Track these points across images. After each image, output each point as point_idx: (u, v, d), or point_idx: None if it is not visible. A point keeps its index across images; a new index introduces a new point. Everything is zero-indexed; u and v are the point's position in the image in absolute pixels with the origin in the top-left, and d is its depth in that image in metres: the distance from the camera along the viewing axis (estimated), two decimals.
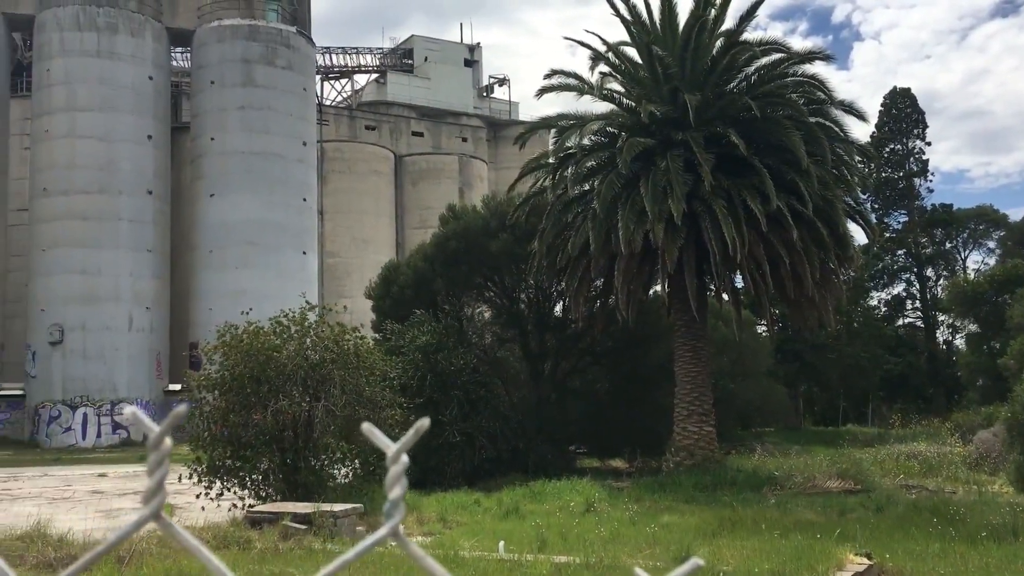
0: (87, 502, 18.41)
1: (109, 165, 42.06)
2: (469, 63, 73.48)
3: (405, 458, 0.95)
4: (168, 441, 0.97)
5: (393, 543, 0.97)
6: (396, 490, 0.92)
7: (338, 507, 14.01)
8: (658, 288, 23.97)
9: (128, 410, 1.13)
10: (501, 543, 12.08)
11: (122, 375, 41.11)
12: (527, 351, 26.31)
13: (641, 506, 16.73)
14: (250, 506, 15.26)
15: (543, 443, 23.54)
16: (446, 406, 22.10)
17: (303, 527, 13.30)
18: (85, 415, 39.99)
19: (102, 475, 24.88)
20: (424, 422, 1.00)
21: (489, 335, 26.73)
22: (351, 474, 17.62)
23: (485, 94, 74.11)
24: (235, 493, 15.83)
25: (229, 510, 15.12)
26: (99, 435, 39.88)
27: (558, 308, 26.75)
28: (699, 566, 0.94)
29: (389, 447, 0.97)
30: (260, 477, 16.18)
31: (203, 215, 44.59)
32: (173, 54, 49.35)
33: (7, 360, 43.10)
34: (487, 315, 27.50)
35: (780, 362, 41.36)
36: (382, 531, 0.92)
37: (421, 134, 67.99)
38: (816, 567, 9.90)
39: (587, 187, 23.11)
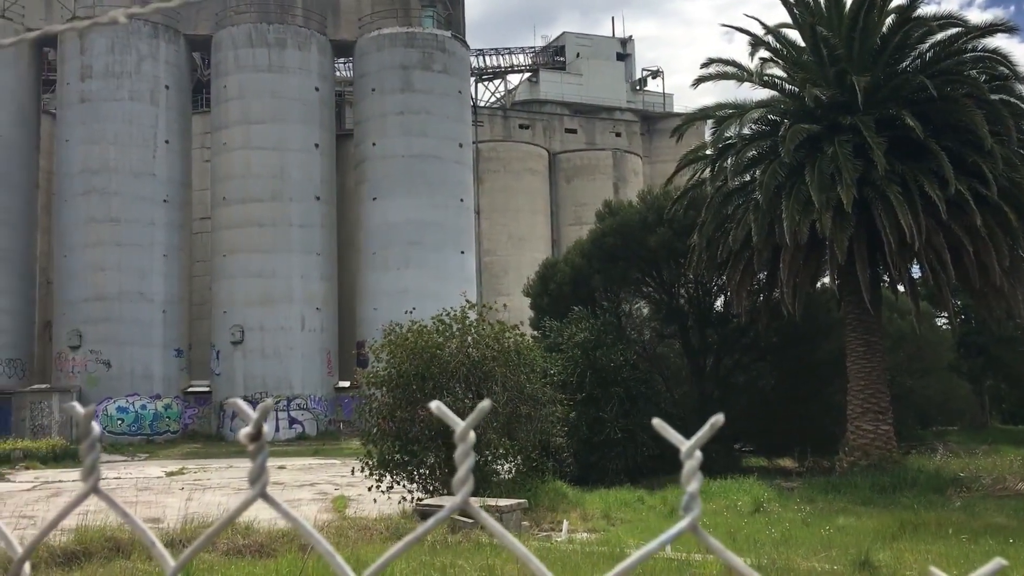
0: (271, 491, 19.46)
1: (280, 173, 44.41)
2: (621, 57, 72.94)
3: (699, 453, 0.94)
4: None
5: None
6: (693, 484, 0.92)
7: (503, 502, 14.20)
8: (826, 280, 22.95)
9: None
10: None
11: (296, 372, 43.32)
12: (688, 347, 25.81)
13: (814, 507, 16.05)
14: (419, 499, 15.72)
15: (707, 441, 22.96)
16: (606, 403, 21.98)
17: (470, 521, 13.55)
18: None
19: (281, 467, 26.26)
20: (719, 418, 0.98)
21: (648, 331, 26.39)
22: (513, 470, 17.83)
23: (638, 87, 73.34)
24: (404, 486, 16.33)
25: (399, 502, 15.61)
26: (277, 429, 42.18)
27: (719, 303, 26.11)
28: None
29: (683, 443, 0.97)
30: (427, 471, 16.62)
31: (366, 218, 46.34)
32: (336, 65, 51.56)
33: (194, 359, 46.29)
34: (645, 311, 27.16)
35: (963, 357, 38.75)
36: (683, 523, 0.91)
37: (574, 131, 68.07)
38: (1010, 574, 9.18)
39: (748, 178, 22.40)
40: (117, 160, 43.53)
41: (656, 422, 0.99)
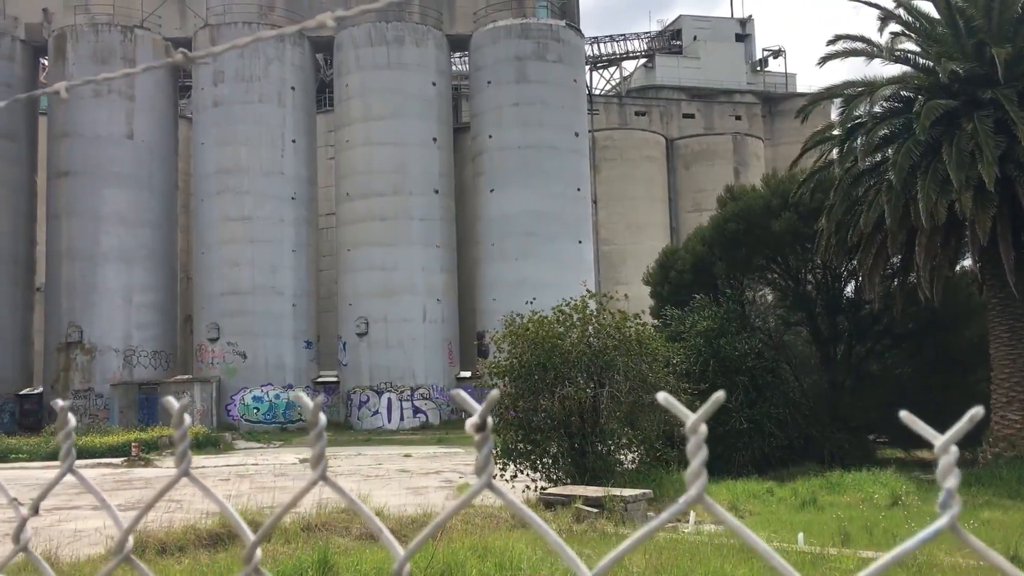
0: (396, 479, 19.99)
1: (401, 168, 45.39)
2: (740, 38, 71.07)
3: (955, 448, 0.91)
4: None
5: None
6: (951, 480, 0.89)
7: (628, 492, 14.11)
8: (966, 263, 21.79)
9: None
10: (800, 535, 11.56)
11: (419, 363, 44.26)
12: (816, 334, 24.98)
13: None
14: (543, 488, 15.80)
15: (838, 431, 22.25)
16: (731, 392, 21.52)
17: (594, 510, 13.54)
18: (389, 400, 43.56)
19: (407, 455, 26.91)
20: (978, 411, 0.95)
21: (773, 319, 25.68)
22: (637, 460, 17.70)
23: (759, 68, 71.31)
24: (528, 475, 16.45)
25: (523, 491, 15.74)
26: (402, 418, 43.26)
27: (849, 289, 25.16)
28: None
29: (937, 438, 0.92)
30: (550, 461, 16.70)
31: (484, 209, 46.82)
32: (452, 59, 52.23)
33: (323, 350, 47.94)
34: (770, 298, 26.45)
35: None
36: (941, 522, 0.89)
37: (692, 116, 66.80)
38: None
39: (879, 158, 21.47)
40: (248, 160, 45.45)
41: (904, 414, 0.95)
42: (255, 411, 43.57)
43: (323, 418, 1.15)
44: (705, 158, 63.35)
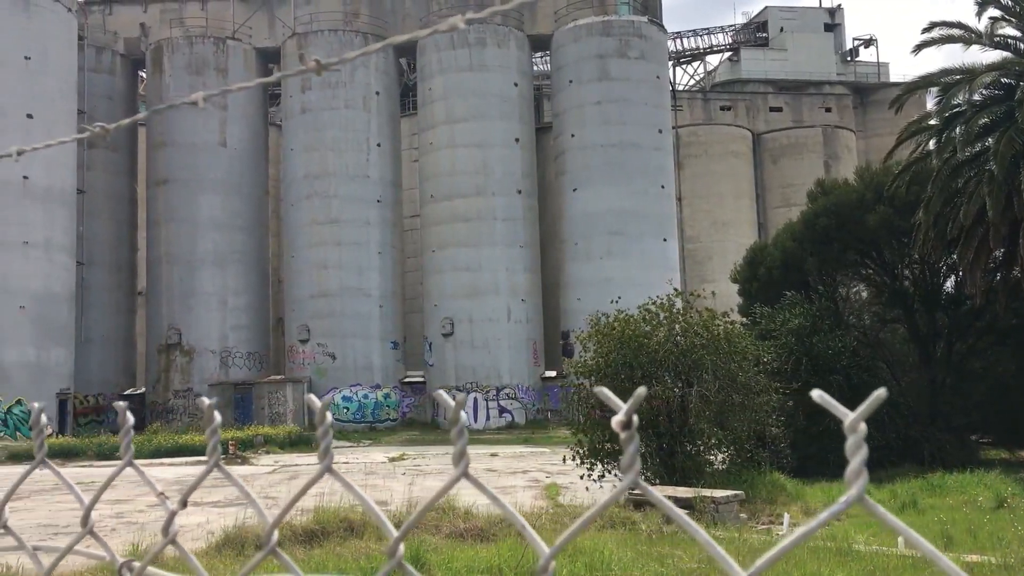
0: (484, 479, 20.09)
1: (484, 169, 45.67)
2: (829, 27, 69.21)
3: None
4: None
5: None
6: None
7: (719, 493, 13.88)
8: None
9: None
10: (900, 539, 11.15)
11: (504, 363, 44.45)
12: (914, 331, 24.11)
13: None
14: (631, 489, 15.69)
15: (939, 431, 21.43)
16: (824, 391, 20.94)
17: (685, 511, 13.37)
18: (475, 399, 43.87)
19: (493, 455, 27.03)
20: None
21: (868, 316, 24.91)
22: (727, 460, 17.38)
23: (849, 58, 69.32)
24: (615, 475, 16.32)
25: (611, 491, 15.63)
26: (488, 418, 43.52)
27: (949, 283, 24.23)
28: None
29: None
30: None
31: (567, 208, 46.73)
32: (534, 59, 52.30)
33: (409, 350, 48.61)
34: (865, 294, 25.66)
35: None
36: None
37: (780, 109, 65.32)
38: None
39: (980, 147, 20.61)
40: (335, 165, 46.41)
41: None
42: (345, 410, 44.44)
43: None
44: (794, 152, 61.89)
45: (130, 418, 1.36)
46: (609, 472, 16.40)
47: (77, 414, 44.00)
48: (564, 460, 16.97)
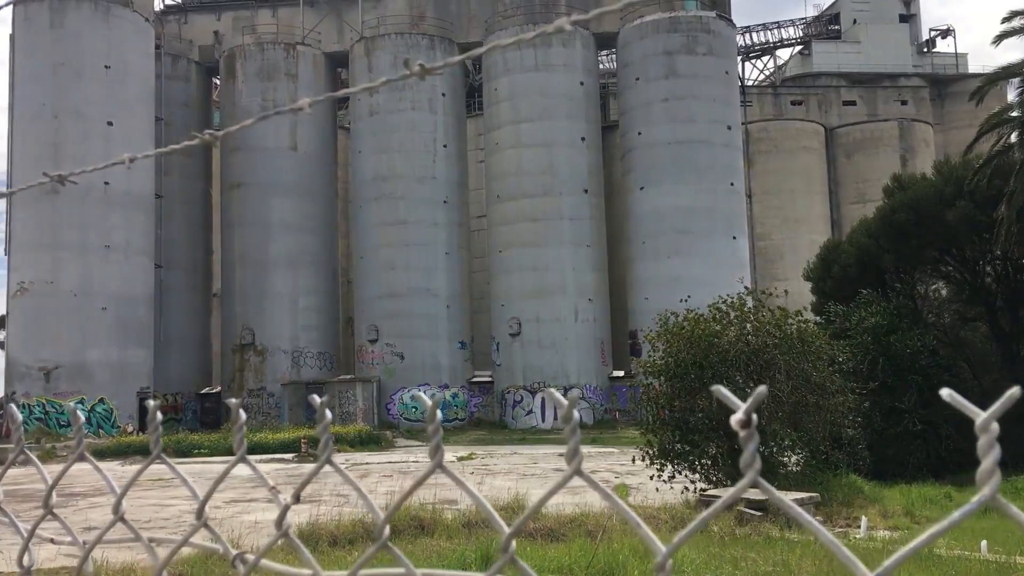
0: (552, 478, 20.05)
1: (550, 169, 45.61)
2: (905, 18, 67.30)
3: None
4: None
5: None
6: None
7: (793, 495, 13.58)
8: None
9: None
10: (983, 543, 10.79)
11: (572, 362, 44.32)
12: (997, 330, 23.28)
13: None
14: (702, 489, 15.45)
15: None
16: (903, 392, 20.39)
17: (758, 513, 13.10)
18: (543, 400, 43.85)
19: (562, 455, 26.92)
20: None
21: (948, 314, 24.14)
22: (801, 462, 17.03)
23: (925, 50, 67.31)
24: (686, 476, 16.12)
25: (681, 492, 15.44)
26: (555, 418, 43.34)
27: None
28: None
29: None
30: (709, 462, 16.30)
31: (634, 207, 46.38)
32: (600, 57, 52.03)
33: (476, 350, 48.83)
34: (944, 292, 24.87)
35: None
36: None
37: (853, 102, 63.76)
38: None
39: None
40: (402, 166, 46.89)
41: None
42: (413, 410, 44.85)
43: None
44: (868, 146, 60.36)
45: (242, 415, 1.40)
46: (679, 473, 16.20)
47: None
48: (633, 460, 16.82)
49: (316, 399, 1.29)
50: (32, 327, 41.11)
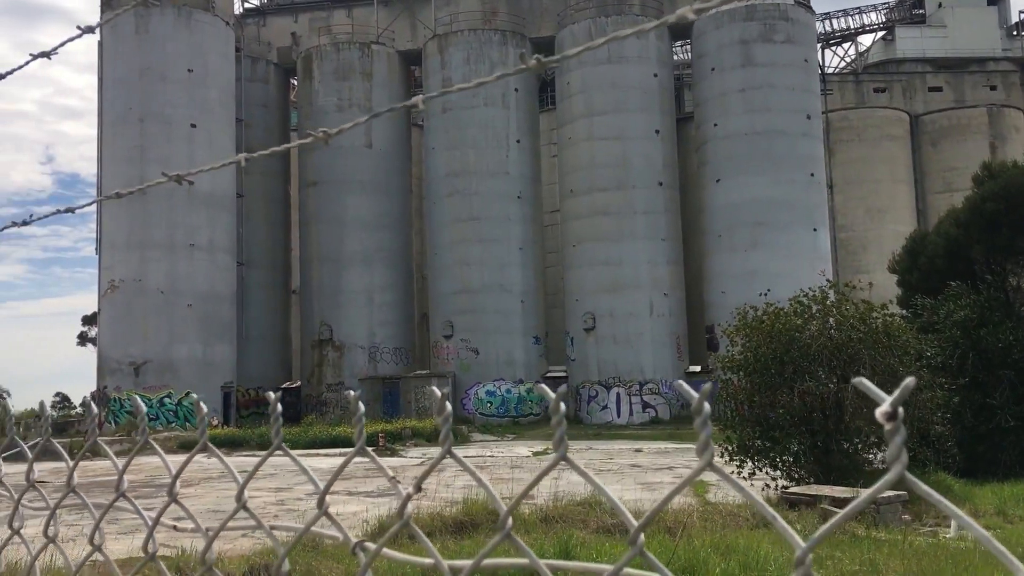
0: (629, 474, 19.90)
1: (623, 162, 45.24)
2: (992, 1, 64.70)
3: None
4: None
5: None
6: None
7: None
8: None
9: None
10: None
11: (647, 357, 43.92)
12: None
13: None
14: (784, 487, 15.11)
15: None
16: (994, 388, 19.60)
17: (841, 512, 12.78)
18: (618, 395, 43.58)
19: (638, 450, 26.74)
20: None
21: None
22: (886, 459, 16.53)
23: (1016, 33, 64.57)
24: (767, 473, 15.79)
25: (762, 490, 15.13)
26: (631, 413, 43.14)
27: None
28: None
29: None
30: (791, 459, 15.94)
31: (710, 200, 45.70)
32: (673, 48, 51.36)
33: (551, 345, 48.80)
34: None
35: None
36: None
37: (939, 89, 61.58)
38: None
39: None
40: (475, 162, 47.10)
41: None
42: (488, 405, 45.07)
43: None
44: (956, 133, 58.24)
45: (361, 407, 1.42)
46: (760, 470, 15.88)
47: (240, 406, 46.53)
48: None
49: (437, 391, 1.28)
50: (122, 324, 42.63)
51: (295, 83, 54.21)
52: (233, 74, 47.36)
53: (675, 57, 52.91)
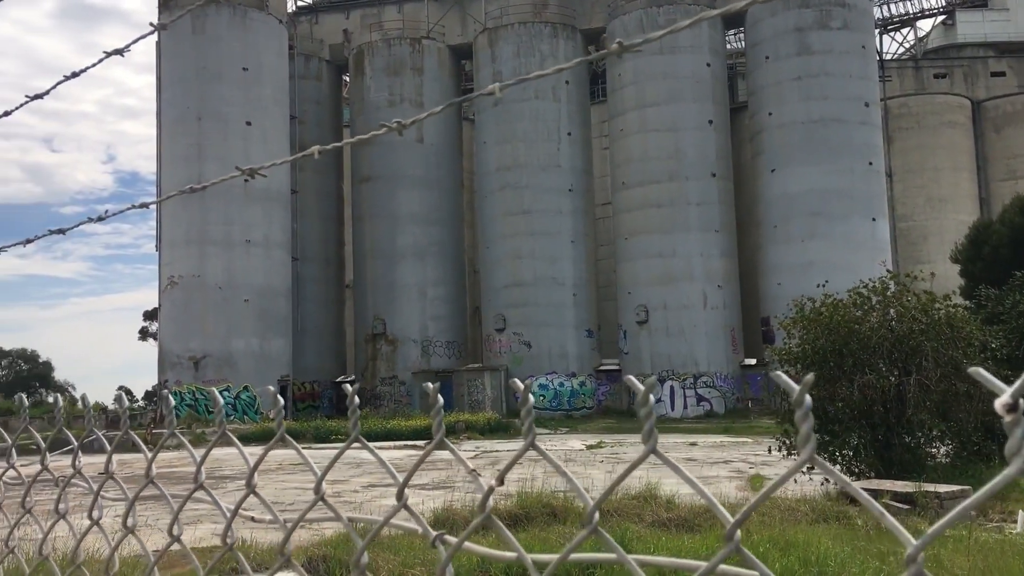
0: (684, 468, 19.70)
1: (676, 154, 44.80)
2: None
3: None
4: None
5: None
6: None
7: (943, 488, 12.86)
8: None
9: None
10: None
11: (701, 350, 43.49)
12: None
13: None
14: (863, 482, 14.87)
15: None
16: None
17: (905, 507, 12.48)
18: (672, 388, 43.24)
19: (692, 444, 26.50)
20: None
21: None
22: (951, 453, 16.16)
23: None
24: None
25: (821, 484, 14.88)
26: (685, 406, 42.77)
27: None
28: None
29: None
30: (851, 453, 15.66)
31: (765, 190, 45.04)
32: (727, 37, 50.67)
33: (603, 339, 48.60)
34: None
35: None
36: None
37: (1003, 73, 59.80)
38: None
39: None
40: (526, 156, 47.05)
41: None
42: (541, 398, 45.06)
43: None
44: (1020, 120, 56.55)
45: (440, 400, 1.42)
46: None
47: (295, 399, 47.23)
48: (769, 451, 16.33)
49: (519, 383, 1.25)
50: (181, 319, 43.53)
51: (347, 80, 54.71)
52: (286, 72, 47.96)
53: (728, 46, 52.20)
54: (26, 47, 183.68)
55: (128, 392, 72.75)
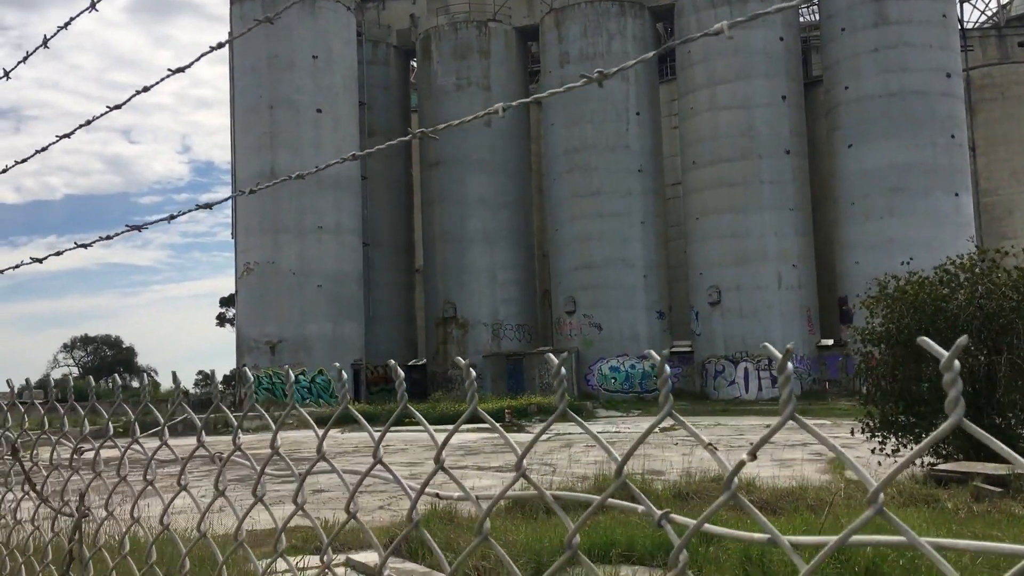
0: (761, 451, 19.36)
1: (748, 131, 43.87)
2: None
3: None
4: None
5: None
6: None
7: None
8: None
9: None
10: None
11: (775, 331, 42.63)
12: None
13: None
14: (931, 464, 14.38)
15: None
16: None
17: (997, 490, 12.01)
18: (746, 369, 42.54)
19: (768, 426, 25.98)
20: None
21: None
22: None
23: None
24: (912, 449, 15.06)
25: (921, 467, 14.45)
26: (760, 388, 42.02)
27: None
28: None
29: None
30: None
31: (842, 167, 43.83)
32: (800, 10, 49.34)
33: (674, 320, 48.06)
34: None
35: None
36: None
37: None
38: None
39: None
40: (594, 137, 46.64)
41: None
42: (612, 380, 44.83)
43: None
44: None
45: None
46: (904, 446, 15.16)
47: (368, 383, 47.89)
48: (852, 433, 15.91)
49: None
50: (257, 304, 44.48)
51: (415, 65, 54.94)
52: (355, 58, 48.38)
53: (801, 19, 50.83)
54: (102, 41, 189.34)
55: (207, 377, 74.80)
